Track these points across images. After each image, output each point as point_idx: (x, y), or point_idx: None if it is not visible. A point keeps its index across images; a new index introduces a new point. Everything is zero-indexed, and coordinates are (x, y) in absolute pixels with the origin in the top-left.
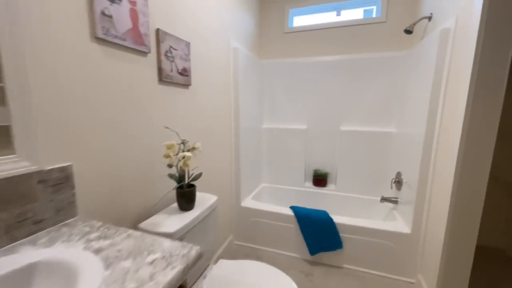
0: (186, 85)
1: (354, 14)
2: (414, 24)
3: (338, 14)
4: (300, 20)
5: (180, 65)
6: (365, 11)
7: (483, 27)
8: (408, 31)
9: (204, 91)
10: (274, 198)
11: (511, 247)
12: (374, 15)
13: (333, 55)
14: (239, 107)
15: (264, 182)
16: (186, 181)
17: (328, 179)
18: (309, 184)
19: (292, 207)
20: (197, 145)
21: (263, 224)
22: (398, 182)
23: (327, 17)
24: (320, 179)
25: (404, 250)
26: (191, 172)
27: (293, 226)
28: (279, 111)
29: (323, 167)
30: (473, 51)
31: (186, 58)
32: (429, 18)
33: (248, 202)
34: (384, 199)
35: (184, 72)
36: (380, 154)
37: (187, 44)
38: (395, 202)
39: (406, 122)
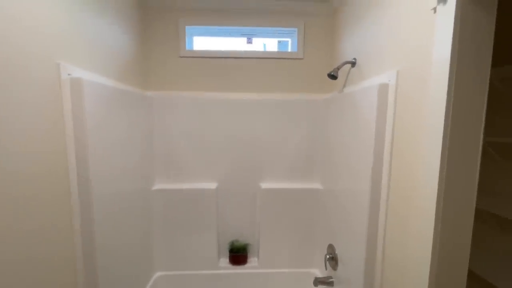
0: None
1: (268, 44)
2: (338, 68)
3: (249, 42)
4: (202, 42)
5: None
6: (279, 43)
7: (452, 87)
8: (333, 76)
9: None
10: None
11: None
12: (289, 49)
13: (244, 91)
14: (88, 171)
15: (159, 270)
16: None
17: (249, 253)
18: (225, 261)
19: None
20: None
21: None
22: (332, 259)
23: (237, 44)
24: (238, 255)
25: None
26: None
27: None
28: (178, 165)
29: (242, 237)
30: (441, 110)
31: None
32: (353, 63)
33: None
34: (318, 282)
35: None
36: (308, 216)
37: None
38: (331, 284)
39: (337, 178)
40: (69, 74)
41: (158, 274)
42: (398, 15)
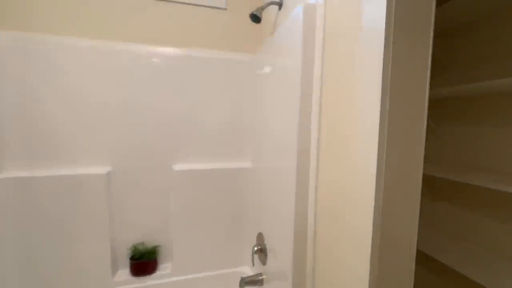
0: None
1: None
2: (262, 9)
3: None
4: None
5: None
6: None
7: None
8: (255, 17)
9: None
10: None
11: None
12: None
13: (149, 44)
14: None
15: None
16: None
17: (160, 258)
18: (125, 273)
19: None
20: None
21: None
22: (261, 251)
23: None
24: (143, 263)
25: None
26: None
27: None
28: (47, 142)
29: (150, 239)
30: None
31: None
32: (279, 4)
33: None
34: (245, 284)
35: None
36: (236, 203)
37: None
38: (260, 283)
39: (266, 150)
40: None
41: None
42: None
